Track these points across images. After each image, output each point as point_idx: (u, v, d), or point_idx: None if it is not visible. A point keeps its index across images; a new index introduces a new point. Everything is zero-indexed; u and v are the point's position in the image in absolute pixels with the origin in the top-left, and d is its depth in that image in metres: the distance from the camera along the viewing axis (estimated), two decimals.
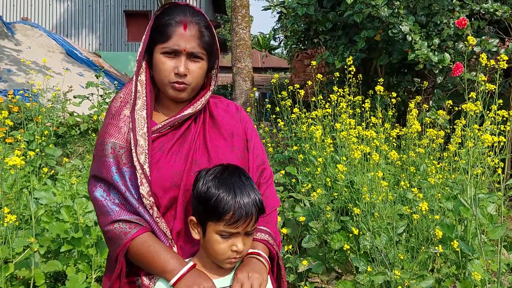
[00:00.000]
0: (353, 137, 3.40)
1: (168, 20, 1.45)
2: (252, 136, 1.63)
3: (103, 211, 1.41)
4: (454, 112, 4.48)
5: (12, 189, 3.48)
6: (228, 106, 1.66)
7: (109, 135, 1.46)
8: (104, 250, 3.21)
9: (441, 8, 5.67)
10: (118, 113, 1.49)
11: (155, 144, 1.48)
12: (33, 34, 13.62)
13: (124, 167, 1.42)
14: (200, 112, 1.56)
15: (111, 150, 1.43)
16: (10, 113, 6.40)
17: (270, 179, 1.64)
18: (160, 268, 1.36)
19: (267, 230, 1.53)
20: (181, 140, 1.51)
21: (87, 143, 6.91)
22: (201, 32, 1.47)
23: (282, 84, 5.77)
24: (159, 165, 1.44)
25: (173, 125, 1.50)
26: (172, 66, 1.45)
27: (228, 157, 1.51)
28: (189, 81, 1.47)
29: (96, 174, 1.45)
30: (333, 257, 3.38)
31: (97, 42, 18.55)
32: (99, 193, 1.43)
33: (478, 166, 2.84)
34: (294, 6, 6.78)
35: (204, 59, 1.49)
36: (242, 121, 1.64)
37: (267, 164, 1.65)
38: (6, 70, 10.46)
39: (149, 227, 1.40)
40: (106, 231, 1.41)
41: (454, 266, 3.00)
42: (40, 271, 2.92)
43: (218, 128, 1.56)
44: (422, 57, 5.26)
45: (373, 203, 3.04)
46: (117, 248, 1.39)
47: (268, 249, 1.50)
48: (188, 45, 1.44)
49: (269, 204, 1.55)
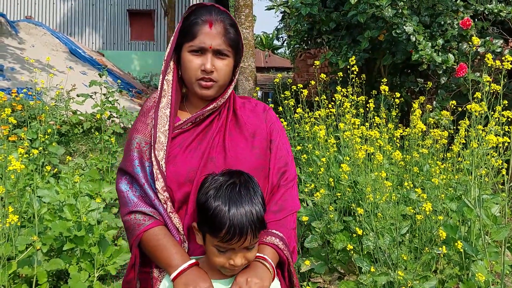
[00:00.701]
0: (356, 137, 3.40)
1: (194, 19, 1.49)
2: (277, 137, 1.62)
3: (123, 202, 1.49)
4: (458, 112, 4.46)
5: (15, 187, 3.48)
6: (256, 107, 1.66)
7: (136, 131, 1.54)
8: (106, 249, 3.21)
9: (445, 9, 5.66)
10: (148, 111, 1.56)
11: (176, 140, 1.52)
12: (37, 32, 13.64)
13: (146, 161, 1.48)
14: (224, 111, 1.57)
15: (137, 145, 1.51)
16: (13, 111, 6.41)
17: (292, 182, 1.60)
18: (165, 262, 1.39)
19: (279, 234, 1.49)
20: (200, 136, 1.53)
21: (90, 141, 6.93)
22: (226, 29, 1.50)
23: (285, 84, 5.77)
24: (176, 161, 1.48)
25: (195, 121, 1.54)
26: (199, 64, 1.48)
27: (246, 157, 1.51)
28: (216, 78, 1.49)
29: (122, 167, 1.53)
30: (336, 257, 3.38)
31: (100, 41, 18.57)
32: (122, 185, 1.51)
33: (482, 167, 2.83)
34: (297, 6, 6.77)
35: (230, 56, 1.52)
36: (268, 121, 1.63)
37: (290, 166, 1.62)
38: (9, 68, 10.47)
39: (163, 221, 1.44)
40: (124, 221, 1.48)
41: (457, 267, 2.99)
42: (42, 269, 2.93)
43: (240, 127, 1.57)
44: (426, 57, 5.24)
45: (376, 203, 3.04)
46: (131, 238, 1.45)
47: (277, 254, 1.47)
48: (214, 42, 1.47)
49: (286, 207, 1.54)
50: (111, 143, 5.24)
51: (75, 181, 3.78)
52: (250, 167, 1.49)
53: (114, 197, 4.23)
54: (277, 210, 1.53)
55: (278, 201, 1.54)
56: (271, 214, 1.51)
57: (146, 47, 18.45)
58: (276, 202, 1.54)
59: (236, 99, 1.63)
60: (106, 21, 18.57)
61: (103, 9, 18.55)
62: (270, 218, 1.50)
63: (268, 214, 1.50)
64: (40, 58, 11.28)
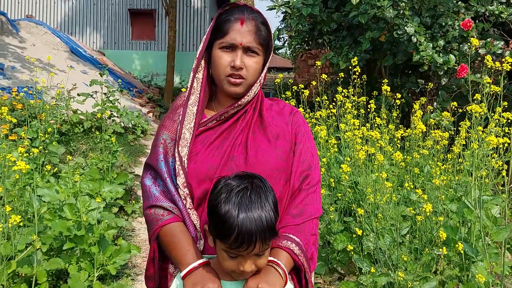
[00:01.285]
0: (357, 137, 3.40)
1: (226, 17, 1.51)
2: (303, 140, 1.60)
3: (145, 196, 1.52)
4: (458, 113, 4.47)
5: (15, 186, 3.48)
6: (283, 109, 1.65)
7: (164, 127, 1.58)
8: (106, 249, 3.21)
9: (446, 10, 5.66)
10: (176, 108, 1.60)
11: (199, 137, 1.53)
12: (38, 31, 13.64)
13: (170, 157, 1.51)
14: (250, 111, 1.57)
15: (162, 141, 1.55)
16: (14, 110, 6.41)
17: (315, 186, 1.57)
18: (177, 259, 1.40)
19: (295, 239, 1.45)
20: (224, 135, 1.54)
21: (90, 141, 6.93)
22: (258, 27, 1.50)
23: (286, 84, 5.76)
24: (197, 158, 1.49)
25: (219, 119, 1.54)
26: (228, 60, 1.49)
27: (267, 158, 1.50)
28: (245, 75, 1.49)
29: (148, 162, 1.57)
30: (336, 258, 3.38)
31: (101, 40, 18.57)
32: (147, 180, 1.54)
33: (482, 168, 2.82)
34: (298, 6, 6.78)
35: (260, 55, 1.52)
36: (294, 124, 1.61)
37: (313, 170, 1.58)
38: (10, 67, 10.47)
39: (182, 217, 1.46)
40: (145, 214, 1.52)
41: (457, 268, 2.99)
42: (42, 268, 2.92)
43: (264, 128, 1.56)
44: (427, 58, 5.24)
45: (377, 204, 3.04)
46: (150, 232, 1.48)
47: (292, 259, 1.43)
48: (244, 40, 1.48)
49: (306, 211, 1.51)
50: (111, 142, 5.24)
51: (75, 181, 3.78)
52: (271, 168, 1.49)
53: (114, 197, 4.23)
54: (296, 214, 1.50)
55: (298, 205, 1.51)
56: (290, 217, 1.49)
57: (147, 46, 18.45)
58: (296, 205, 1.51)
59: (264, 100, 1.63)
60: (107, 20, 18.58)
61: (104, 9, 18.56)
62: (289, 222, 1.48)
63: (287, 217, 1.49)
64: (40, 57, 11.28)
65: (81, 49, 14.18)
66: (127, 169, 6.25)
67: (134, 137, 8.14)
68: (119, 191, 4.17)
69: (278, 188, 1.48)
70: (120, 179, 4.71)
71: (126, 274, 3.74)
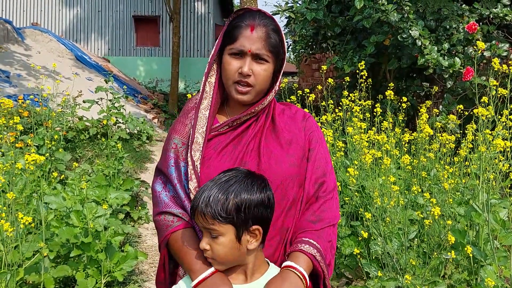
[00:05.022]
0: (364, 141, 3.39)
1: (237, 23, 1.49)
2: (316, 146, 1.58)
3: (155, 202, 1.52)
4: (464, 116, 4.45)
5: (22, 193, 3.49)
6: (296, 114, 1.64)
7: (175, 131, 1.57)
8: (113, 255, 3.21)
9: (450, 13, 5.66)
10: (187, 112, 1.59)
11: (211, 142, 1.52)
12: (43, 39, 13.72)
13: (182, 162, 1.51)
14: (262, 116, 1.56)
15: (174, 145, 1.54)
16: (20, 117, 6.44)
17: (332, 193, 1.56)
18: (187, 266, 1.39)
19: (316, 245, 1.44)
20: (236, 140, 1.53)
21: (96, 147, 6.94)
22: (268, 34, 1.48)
23: (290, 89, 5.77)
24: (209, 163, 1.49)
25: (232, 125, 1.54)
26: (237, 67, 1.47)
27: (280, 164, 1.49)
28: (253, 83, 1.48)
29: (158, 167, 1.56)
30: (344, 262, 3.37)
31: (106, 47, 18.64)
32: (157, 185, 1.53)
33: (490, 171, 2.81)
34: (302, 11, 6.79)
35: (270, 62, 1.50)
36: (307, 130, 1.60)
37: (329, 177, 1.57)
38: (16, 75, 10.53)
39: (192, 223, 1.45)
40: (154, 221, 1.51)
41: (466, 272, 2.97)
42: (49, 276, 2.93)
43: (276, 134, 1.55)
44: (432, 61, 5.24)
45: (384, 208, 3.03)
46: (160, 239, 1.47)
47: (313, 264, 1.41)
48: (253, 46, 1.46)
49: (324, 218, 1.50)
50: (117, 148, 5.25)
51: (81, 187, 3.78)
52: (284, 174, 1.48)
53: (120, 203, 4.23)
54: (315, 220, 1.49)
55: (316, 212, 1.50)
56: (309, 223, 1.48)
57: (152, 53, 18.51)
58: (314, 212, 1.50)
59: (276, 106, 1.62)
60: (111, 27, 18.65)
61: (109, 16, 18.63)
62: (308, 227, 1.47)
63: (306, 223, 1.48)
64: (46, 64, 11.34)
65: (86, 56, 14.26)
66: (133, 175, 6.26)
67: (140, 143, 8.16)
68: (125, 197, 4.17)
69: (291, 193, 1.48)
70: (126, 185, 4.71)
71: (133, 280, 3.74)
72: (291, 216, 1.49)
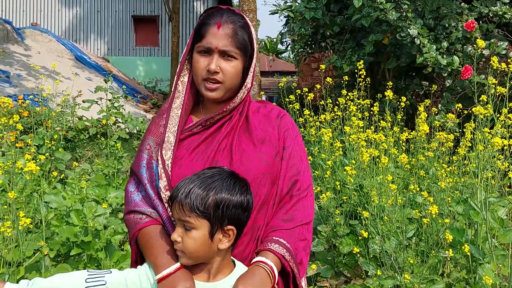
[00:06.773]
0: (362, 140, 3.40)
1: (205, 20, 1.50)
2: (291, 144, 1.58)
3: (126, 201, 1.54)
4: (463, 115, 4.46)
5: (22, 193, 3.50)
6: (270, 112, 1.64)
7: (149, 132, 1.58)
8: (113, 254, 3.22)
9: (449, 11, 5.66)
10: (162, 113, 1.59)
11: (184, 142, 1.53)
12: (43, 39, 13.72)
13: (154, 162, 1.51)
14: (236, 115, 1.56)
15: (148, 146, 1.55)
16: (20, 117, 6.45)
17: (305, 191, 1.55)
18: (153, 261, 1.39)
19: (286, 244, 1.43)
20: (209, 140, 1.54)
21: (96, 147, 6.95)
22: (235, 31, 1.48)
23: (289, 88, 5.77)
24: (181, 163, 1.49)
25: (205, 125, 1.54)
26: (205, 64, 1.48)
27: (252, 162, 1.49)
28: (222, 79, 1.48)
29: (131, 167, 1.58)
30: (342, 261, 3.38)
31: (105, 47, 18.64)
32: (130, 186, 1.55)
33: (488, 170, 2.82)
34: (301, 10, 6.79)
35: (238, 59, 1.50)
36: (282, 128, 1.59)
37: (303, 175, 1.56)
38: (16, 75, 10.53)
39: (161, 220, 1.45)
40: (124, 219, 1.52)
41: (464, 270, 2.98)
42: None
43: (249, 132, 1.55)
44: (431, 60, 5.24)
45: (382, 206, 3.04)
46: (129, 236, 1.49)
47: (281, 264, 1.41)
48: (220, 43, 1.46)
49: (296, 217, 1.49)
50: (117, 148, 5.25)
51: (81, 187, 3.79)
52: (256, 172, 1.48)
53: (120, 202, 4.24)
54: (287, 219, 1.49)
55: (289, 211, 1.50)
56: (280, 222, 1.48)
57: (151, 52, 18.51)
58: (286, 211, 1.50)
59: (252, 104, 1.62)
60: (111, 27, 18.64)
61: (108, 16, 18.63)
62: (279, 226, 1.47)
63: (278, 221, 1.48)
64: (46, 64, 11.34)
65: (85, 56, 14.26)
66: None
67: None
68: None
69: (263, 191, 1.48)
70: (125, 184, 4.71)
71: None
72: (262, 214, 1.49)
